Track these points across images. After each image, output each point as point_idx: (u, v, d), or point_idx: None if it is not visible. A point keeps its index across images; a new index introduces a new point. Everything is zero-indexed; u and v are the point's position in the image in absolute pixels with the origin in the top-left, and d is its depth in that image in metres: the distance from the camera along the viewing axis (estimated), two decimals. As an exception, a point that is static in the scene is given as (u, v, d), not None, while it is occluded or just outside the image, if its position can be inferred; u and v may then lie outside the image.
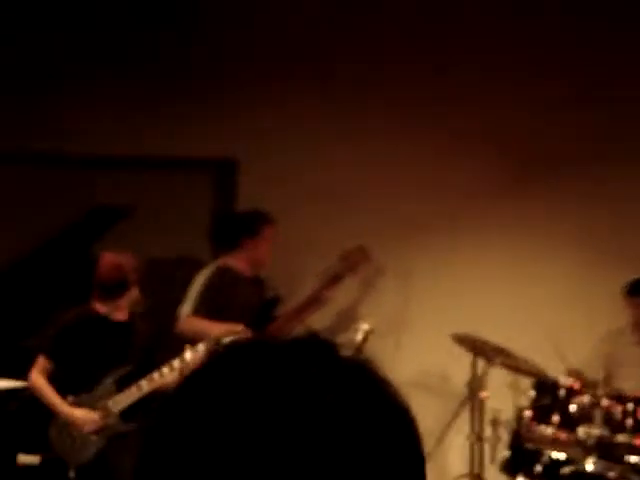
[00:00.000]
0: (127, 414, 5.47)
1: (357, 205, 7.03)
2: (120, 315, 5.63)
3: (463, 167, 7.02)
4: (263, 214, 6.36)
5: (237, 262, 6.32)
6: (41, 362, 5.53)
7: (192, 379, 0.98)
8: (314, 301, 6.52)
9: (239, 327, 5.76)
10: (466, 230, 7.01)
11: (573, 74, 7.00)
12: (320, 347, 0.98)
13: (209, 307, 6.11)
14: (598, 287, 6.83)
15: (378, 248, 6.79)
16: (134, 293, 5.58)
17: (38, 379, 5.51)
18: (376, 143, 7.06)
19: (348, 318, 6.98)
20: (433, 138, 7.04)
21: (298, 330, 6.50)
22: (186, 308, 6.14)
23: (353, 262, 6.59)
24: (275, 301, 6.53)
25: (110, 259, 5.57)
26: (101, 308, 5.59)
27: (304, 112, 7.08)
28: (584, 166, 6.98)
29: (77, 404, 5.48)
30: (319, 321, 6.69)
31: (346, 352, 0.99)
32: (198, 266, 6.48)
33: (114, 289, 5.52)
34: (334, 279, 6.53)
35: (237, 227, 6.43)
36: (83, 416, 5.44)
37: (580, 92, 6.98)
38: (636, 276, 6.41)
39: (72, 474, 5.43)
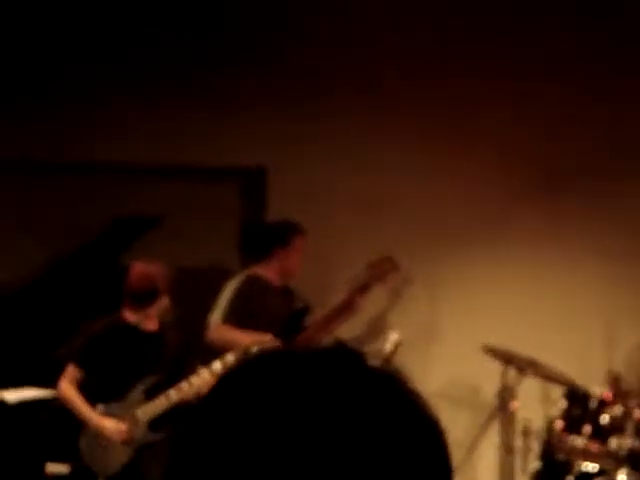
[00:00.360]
0: (156, 424, 5.48)
1: (386, 215, 7.02)
2: (150, 325, 5.64)
3: (496, 177, 7.01)
4: (294, 224, 6.37)
5: (267, 272, 6.33)
6: (71, 371, 5.55)
7: (220, 389, 0.97)
8: (343, 311, 6.51)
9: (268, 337, 5.76)
10: (496, 241, 6.99)
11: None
12: (348, 357, 0.98)
13: (239, 316, 6.11)
14: (630, 298, 6.81)
15: (407, 258, 6.78)
16: (164, 302, 5.59)
17: (68, 389, 5.53)
18: (405, 154, 7.06)
19: (377, 328, 6.97)
20: (465, 150, 7.03)
21: (327, 340, 6.49)
22: (216, 316, 6.15)
23: (381, 271, 6.58)
24: (304, 311, 6.53)
25: (140, 268, 5.59)
26: (131, 317, 5.61)
27: (332, 122, 7.09)
28: (603, 177, 6.97)
29: (106, 413, 5.50)
30: (348, 331, 6.68)
31: (374, 362, 0.98)
32: (227, 275, 6.49)
33: (144, 298, 5.54)
34: (362, 288, 6.52)
35: (268, 237, 6.44)
36: (112, 426, 5.45)
37: (597, 98, 6.97)
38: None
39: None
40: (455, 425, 6.41)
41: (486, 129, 7.04)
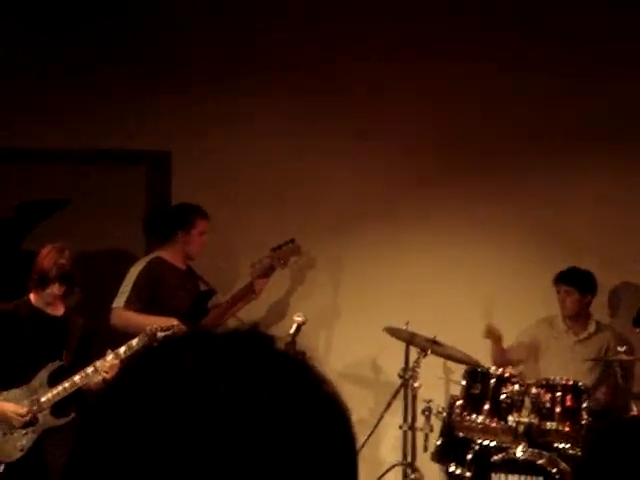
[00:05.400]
0: (60, 409, 5.43)
1: (290, 199, 7.04)
2: (56, 309, 5.59)
3: (397, 161, 7.05)
4: (196, 207, 6.37)
5: (170, 255, 6.32)
6: (-27, 355, 5.48)
7: (125, 374, 0.97)
8: (246, 294, 6.54)
9: (173, 320, 5.74)
10: (398, 224, 7.04)
11: (503, 64, 7.07)
12: (257, 340, 0.99)
13: (142, 300, 6.09)
14: (529, 277, 6.92)
15: (310, 241, 6.82)
16: (54, 289, 5.51)
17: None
18: (309, 138, 7.07)
19: (280, 311, 7.00)
20: (365, 129, 7.06)
21: (231, 323, 6.50)
22: (119, 301, 6.11)
23: (284, 255, 6.62)
24: (209, 294, 6.53)
25: (47, 251, 5.52)
26: (36, 300, 5.54)
27: (237, 108, 7.07)
28: (518, 160, 7.06)
29: (9, 399, 5.43)
30: (252, 314, 6.70)
31: (280, 345, 0.99)
32: (133, 260, 6.46)
33: (49, 281, 5.47)
34: (265, 272, 6.55)
35: (171, 220, 6.42)
36: (12, 410, 5.39)
37: (509, 82, 7.05)
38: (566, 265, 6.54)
39: (2, 469, 5.37)
40: (359, 405, 6.47)
41: (389, 112, 7.08)
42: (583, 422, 5.70)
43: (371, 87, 7.07)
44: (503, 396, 5.80)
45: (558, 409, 5.75)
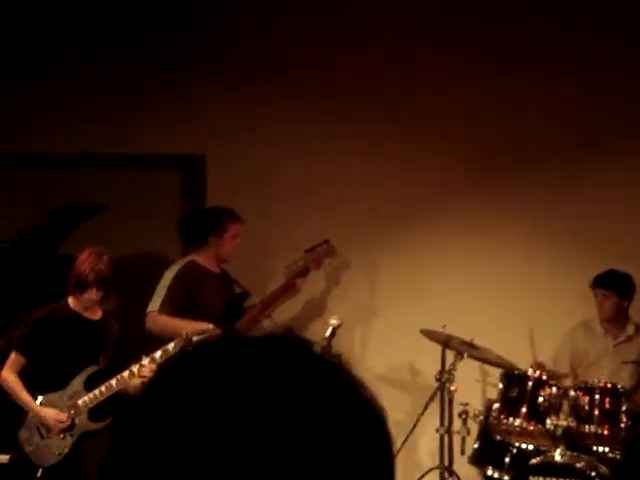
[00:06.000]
0: (98, 412, 5.46)
1: (324, 200, 7.04)
2: (93, 314, 5.62)
3: (432, 162, 7.04)
4: (228, 211, 6.36)
5: (204, 259, 6.33)
6: (13, 359, 5.52)
7: (161, 378, 0.97)
8: (281, 295, 6.54)
9: (208, 325, 5.74)
10: (433, 225, 7.03)
11: (543, 66, 7.03)
12: (293, 344, 0.98)
13: (177, 304, 6.10)
14: (566, 280, 6.87)
15: (345, 243, 6.81)
16: (92, 294, 5.54)
17: (9, 377, 5.50)
18: (343, 138, 7.07)
19: (315, 312, 7.00)
20: (403, 134, 7.05)
21: (267, 325, 6.50)
22: (154, 305, 6.13)
23: (319, 256, 6.62)
24: (243, 297, 6.53)
25: (85, 256, 5.55)
26: (74, 304, 5.58)
27: (271, 109, 7.09)
28: (551, 161, 7.02)
29: (47, 403, 5.47)
30: (287, 315, 6.70)
31: (317, 348, 0.98)
32: (169, 263, 6.47)
33: (87, 286, 5.50)
34: (300, 273, 6.55)
35: (203, 224, 6.43)
36: (52, 416, 5.43)
37: (553, 88, 7.01)
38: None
39: (40, 474, 5.41)
40: (395, 408, 6.45)
41: (423, 112, 7.06)
42: (622, 425, 5.65)
43: (417, 93, 7.06)
44: (541, 399, 5.76)
45: (597, 412, 5.70)
